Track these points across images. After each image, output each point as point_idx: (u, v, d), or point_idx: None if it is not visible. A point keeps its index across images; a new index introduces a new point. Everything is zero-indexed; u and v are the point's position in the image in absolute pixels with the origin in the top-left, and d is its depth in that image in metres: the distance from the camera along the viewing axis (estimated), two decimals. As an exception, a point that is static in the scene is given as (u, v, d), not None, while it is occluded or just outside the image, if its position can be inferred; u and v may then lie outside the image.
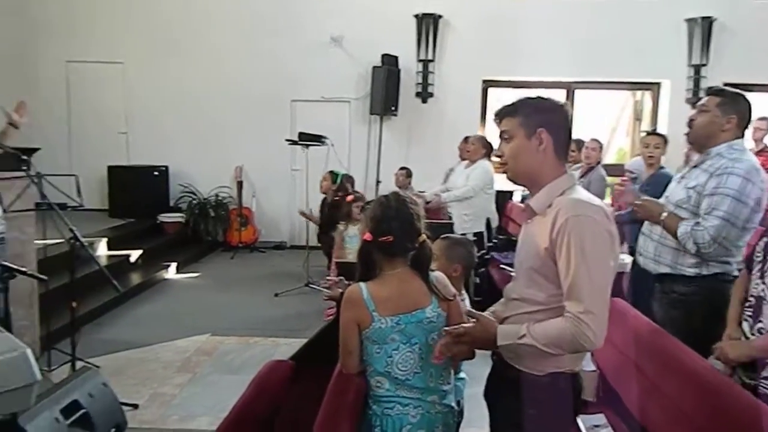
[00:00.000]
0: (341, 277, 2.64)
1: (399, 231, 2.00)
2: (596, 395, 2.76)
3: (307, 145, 6.42)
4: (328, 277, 2.82)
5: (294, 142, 6.55)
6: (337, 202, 5.94)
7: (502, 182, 4.03)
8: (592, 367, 2.77)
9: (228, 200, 8.51)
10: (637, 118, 8.85)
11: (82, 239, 3.68)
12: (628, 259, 3.69)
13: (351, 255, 4.87)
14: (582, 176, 5.36)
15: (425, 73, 8.39)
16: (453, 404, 2.13)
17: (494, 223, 5.73)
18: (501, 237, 6.02)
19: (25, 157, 3.42)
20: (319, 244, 6.31)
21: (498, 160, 1.92)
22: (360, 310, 1.99)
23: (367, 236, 2.04)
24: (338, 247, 5.17)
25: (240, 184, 8.41)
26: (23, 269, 2.17)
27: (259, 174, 8.58)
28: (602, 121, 8.99)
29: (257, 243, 8.49)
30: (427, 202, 5.77)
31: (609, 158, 8.55)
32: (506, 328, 1.79)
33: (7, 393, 1.47)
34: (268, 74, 8.33)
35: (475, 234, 5.53)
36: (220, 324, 5.18)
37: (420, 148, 8.40)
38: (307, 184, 6.69)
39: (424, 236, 2.07)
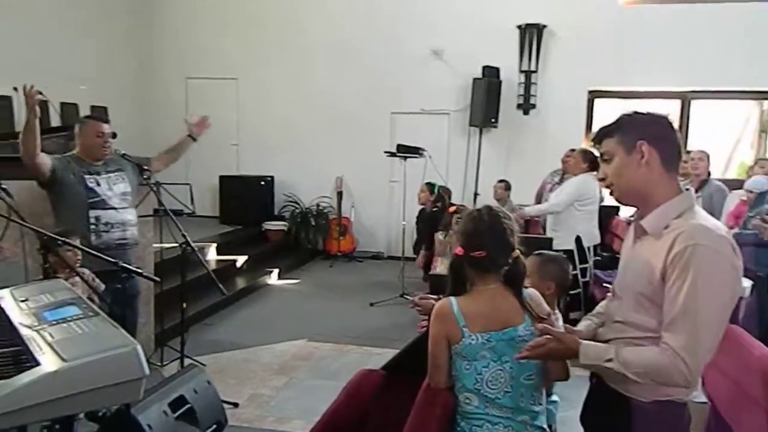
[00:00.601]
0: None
1: (492, 246, 1.96)
2: (706, 430, 2.55)
3: (405, 157, 6.49)
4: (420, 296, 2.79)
5: (392, 154, 6.64)
6: (435, 214, 5.96)
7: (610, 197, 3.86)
8: (703, 399, 2.56)
9: (328, 210, 8.77)
10: (763, 129, 8.14)
11: (193, 244, 3.93)
12: (747, 284, 3.40)
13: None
14: (697, 190, 4.99)
15: (527, 84, 8.22)
16: (545, 426, 2.05)
17: (592, 242, 5.36)
18: (605, 254, 5.73)
19: (145, 167, 3.71)
20: (415, 256, 6.34)
21: (602, 183, 1.84)
22: (450, 325, 1.96)
23: (459, 250, 2.01)
24: (440, 254, 5.16)
25: (340, 195, 8.64)
26: (139, 270, 2.35)
27: (359, 185, 8.77)
28: (722, 134, 8.32)
29: (355, 252, 8.68)
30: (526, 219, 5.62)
31: (730, 172, 7.94)
32: (591, 346, 1.70)
33: (118, 385, 1.59)
34: (369, 87, 8.52)
35: (564, 252, 5.30)
36: (317, 330, 5.33)
37: (520, 160, 8.23)
38: (405, 195, 6.75)
39: (517, 252, 2.02)
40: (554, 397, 2.45)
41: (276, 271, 7.27)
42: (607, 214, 6.30)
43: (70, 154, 3.50)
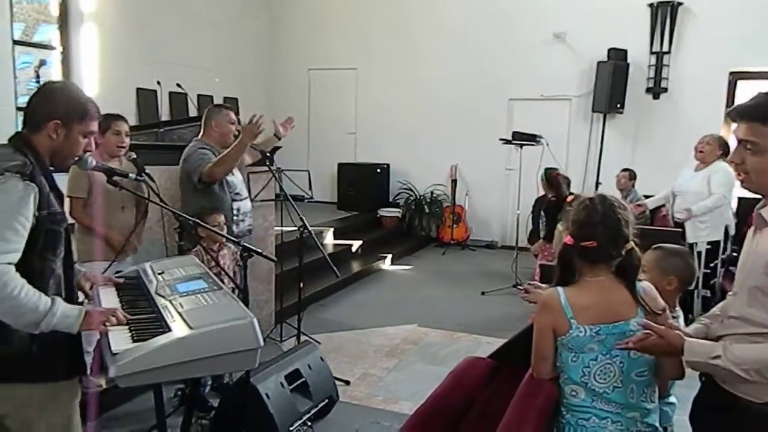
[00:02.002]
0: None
1: (604, 236, 1.88)
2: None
3: (521, 145, 6.34)
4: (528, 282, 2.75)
5: (508, 142, 6.52)
6: (554, 202, 5.73)
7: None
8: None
9: (442, 198, 8.79)
10: None
11: (310, 228, 4.14)
12: None
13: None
14: None
15: (658, 67, 7.70)
16: (657, 425, 1.95)
17: (731, 231, 5.03)
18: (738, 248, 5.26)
19: (269, 154, 3.95)
20: (529, 246, 6.18)
21: (737, 168, 1.68)
22: (557, 315, 1.92)
23: (569, 240, 1.95)
24: (557, 243, 5.02)
25: (454, 183, 8.63)
26: (258, 250, 2.53)
27: (473, 173, 8.70)
28: None
29: (468, 241, 8.64)
30: (641, 213, 5.32)
31: None
32: (697, 344, 1.60)
33: (236, 354, 1.74)
34: (487, 74, 8.40)
35: (709, 243, 4.97)
36: (427, 316, 5.40)
37: (647, 148, 7.75)
38: (520, 183, 6.61)
39: (631, 243, 1.93)
40: (671, 399, 2.32)
41: (389, 256, 7.43)
42: (744, 205, 5.79)
43: (205, 144, 3.69)
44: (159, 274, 2.33)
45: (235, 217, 3.64)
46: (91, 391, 2.88)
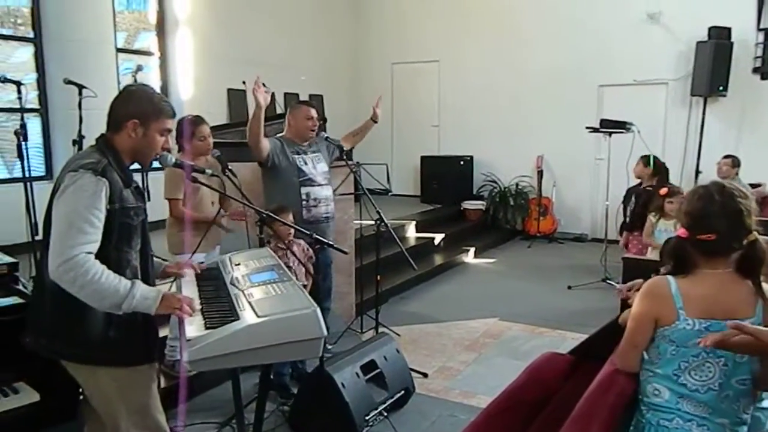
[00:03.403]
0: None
1: (724, 228, 1.74)
2: None
3: (610, 133, 6.04)
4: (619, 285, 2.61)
5: (595, 130, 6.24)
6: (649, 192, 5.42)
7: None
8: None
9: (528, 189, 8.57)
10: None
11: (390, 222, 4.17)
12: None
13: (656, 251, 4.49)
14: None
15: (767, 45, 7.07)
16: (747, 435, 1.80)
17: None
18: None
19: (345, 149, 4.02)
20: (620, 238, 5.89)
21: None
22: (664, 304, 1.78)
23: (683, 232, 1.81)
24: (647, 235, 4.79)
25: (540, 174, 8.37)
26: (329, 242, 2.59)
27: (561, 163, 8.41)
28: None
29: (556, 233, 8.37)
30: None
31: None
32: None
33: (300, 342, 1.79)
34: (574, 59, 8.08)
35: None
36: (510, 310, 5.29)
37: (755, 133, 7.17)
38: (609, 173, 6.31)
39: (755, 235, 1.75)
40: (765, 403, 2.14)
41: (473, 249, 7.34)
42: None
43: (280, 136, 3.91)
44: (236, 265, 2.44)
45: (304, 202, 3.74)
46: (181, 377, 3.06)
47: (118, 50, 6.29)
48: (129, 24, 6.64)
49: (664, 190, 4.70)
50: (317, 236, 2.68)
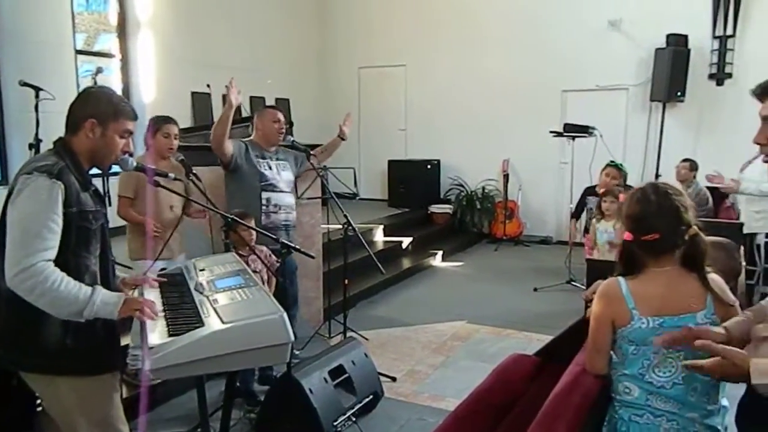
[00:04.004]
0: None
1: (665, 227, 1.79)
2: None
3: (573, 137, 6.15)
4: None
5: (559, 134, 6.35)
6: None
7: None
8: None
9: (494, 193, 8.66)
10: None
11: (357, 226, 4.15)
12: None
13: (601, 250, 4.59)
14: None
15: (722, 51, 7.33)
16: (719, 427, 1.84)
17: None
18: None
19: (312, 153, 4.00)
20: (583, 241, 6.00)
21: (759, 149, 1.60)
22: (618, 306, 1.83)
23: (627, 236, 1.86)
24: (590, 239, 4.91)
25: (506, 177, 8.47)
26: (296, 246, 2.56)
27: (526, 167, 8.53)
28: None
29: (522, 236, 8.47)
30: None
31: None
32: (764, 363, 1.45)
33: (268, 348, 1.77)
34: (538, 65, 8.22)
35: (767, 235, 4.67)
36: (477, 312, 5.33)
37: (711, 137, 7.39)
38: (572, 177, 6.42)
39: (695, 228, 1.81)
40: (724, 402, 2.19)
41: (440, 253, 7.38)
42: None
43: (248, 140, 3.87)
44: (200, 270, 2.39)
45: (264, 207, 3.70)
46: (143, 386, 2.99)
47: (78, 52, 6.13)
48: (89, 25, 6.47)
49: (602, 190, 4.81)
50: (284, 241, 2.64)
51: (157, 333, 1.80)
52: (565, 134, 6.23)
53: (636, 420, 1.84)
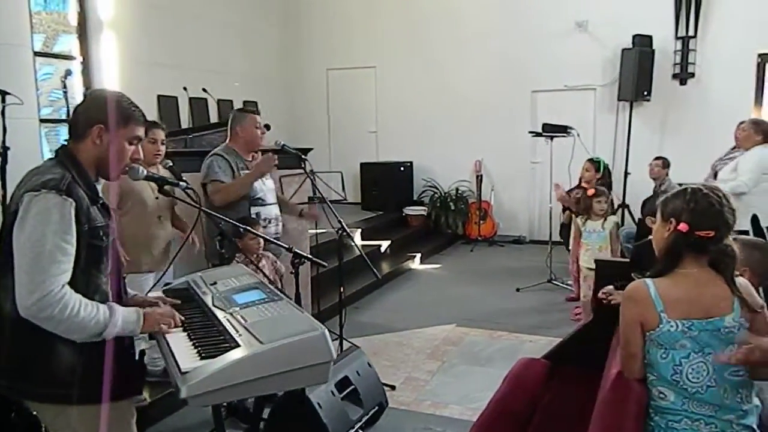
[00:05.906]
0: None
1: (721, 227, 1.81)
2: None
3: (552, 137, 6.20)
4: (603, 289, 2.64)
5: (538, 134, 6.38)
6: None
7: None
8: None
9: (467, 194, 8.66)
10: None
11: (332, 230, 4.03)
12: None
13: (589, 251, 4.60)
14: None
15: (685, 52, 7.53)
16: (754, 426, 1.83)
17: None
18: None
19: (304, 157, 3.85)
20: (561, 239, 6.04)
21: None
22: (646, 308, 1.81)
23: (683, 227, 1.81)
24: (575, 238, 4.94)
25: (479, 178, 8.49)
26: (310, 256, 2.45)
27: (499, 168, 8.56)
28: None
29: (496, 237, 8.50)
30: None
31: None
32: None
33: (310, 368, 1.64)
34: (508, 67, 8.27)
35: (737, 233, 4.77)
36: (464, 315, 5.28)
37: (677, 135, 7.59)
38: (551, 176, 6.46)
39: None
40: (755, 401, 2.19)
41: (418, 255, 7.32)
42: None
43: (225, 149, 3.62)
44: (212, 284, 2.24)
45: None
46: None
47: (36, 54, 5.79)
48: (47, 26, 6.12)
49: (591, 191, 4.85)
50: (297, 250, 2.52)
51: (186, 356, 1.65)
52: (545, 134, 6.26)
53: (674, 426, 1.81)
